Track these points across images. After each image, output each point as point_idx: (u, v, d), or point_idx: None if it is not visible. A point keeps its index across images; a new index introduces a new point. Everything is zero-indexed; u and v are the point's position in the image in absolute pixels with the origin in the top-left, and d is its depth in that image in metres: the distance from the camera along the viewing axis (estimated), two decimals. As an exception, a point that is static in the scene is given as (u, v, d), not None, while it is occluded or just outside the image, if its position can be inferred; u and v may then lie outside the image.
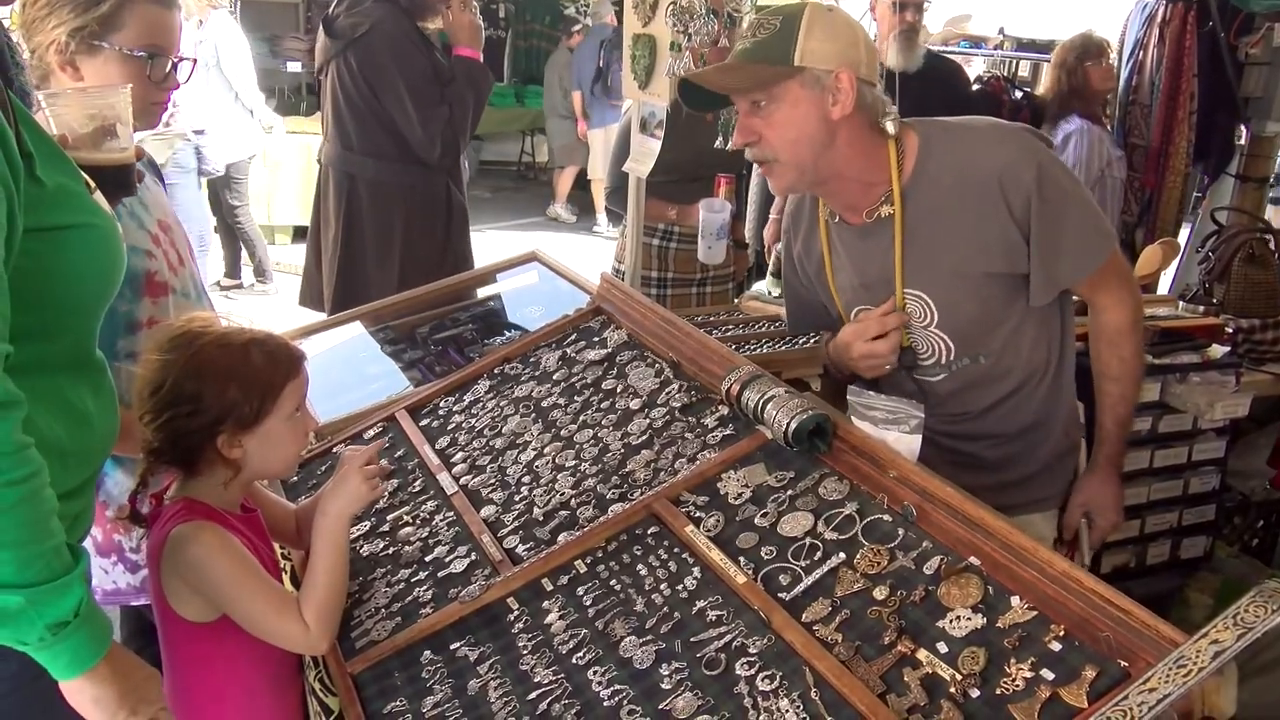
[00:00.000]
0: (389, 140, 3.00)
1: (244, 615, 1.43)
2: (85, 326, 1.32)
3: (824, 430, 1.52)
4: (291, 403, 1.49)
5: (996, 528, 1.28)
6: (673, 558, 1.47)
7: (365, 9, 2.93)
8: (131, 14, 1.71)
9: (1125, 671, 1.08)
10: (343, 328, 2.69)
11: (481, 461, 1.84)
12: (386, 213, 3.04)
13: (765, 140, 1.67)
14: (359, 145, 3.02)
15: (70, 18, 1.69)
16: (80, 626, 1.15)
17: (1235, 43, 3.97)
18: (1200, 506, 2.70)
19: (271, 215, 7.64)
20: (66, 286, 1.23)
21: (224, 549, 1.42)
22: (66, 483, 1.23)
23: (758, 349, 2.46)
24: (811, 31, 1.61)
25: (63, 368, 1.27)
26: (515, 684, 1.34)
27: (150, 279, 1.82)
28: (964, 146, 1.71)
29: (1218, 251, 3.10)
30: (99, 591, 1.92)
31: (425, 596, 1.55)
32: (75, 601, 1.14)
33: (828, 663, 1.21)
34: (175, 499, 1.48)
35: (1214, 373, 2.57)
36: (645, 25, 2.49)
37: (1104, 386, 1.86)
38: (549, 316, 2.24)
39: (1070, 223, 1.70)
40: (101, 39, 1.70)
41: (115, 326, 1.75)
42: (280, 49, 8.23)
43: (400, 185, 3.03)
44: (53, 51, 1.71)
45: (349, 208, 3.06)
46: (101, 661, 1.18)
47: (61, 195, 1.22)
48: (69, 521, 1.20)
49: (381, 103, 2.94)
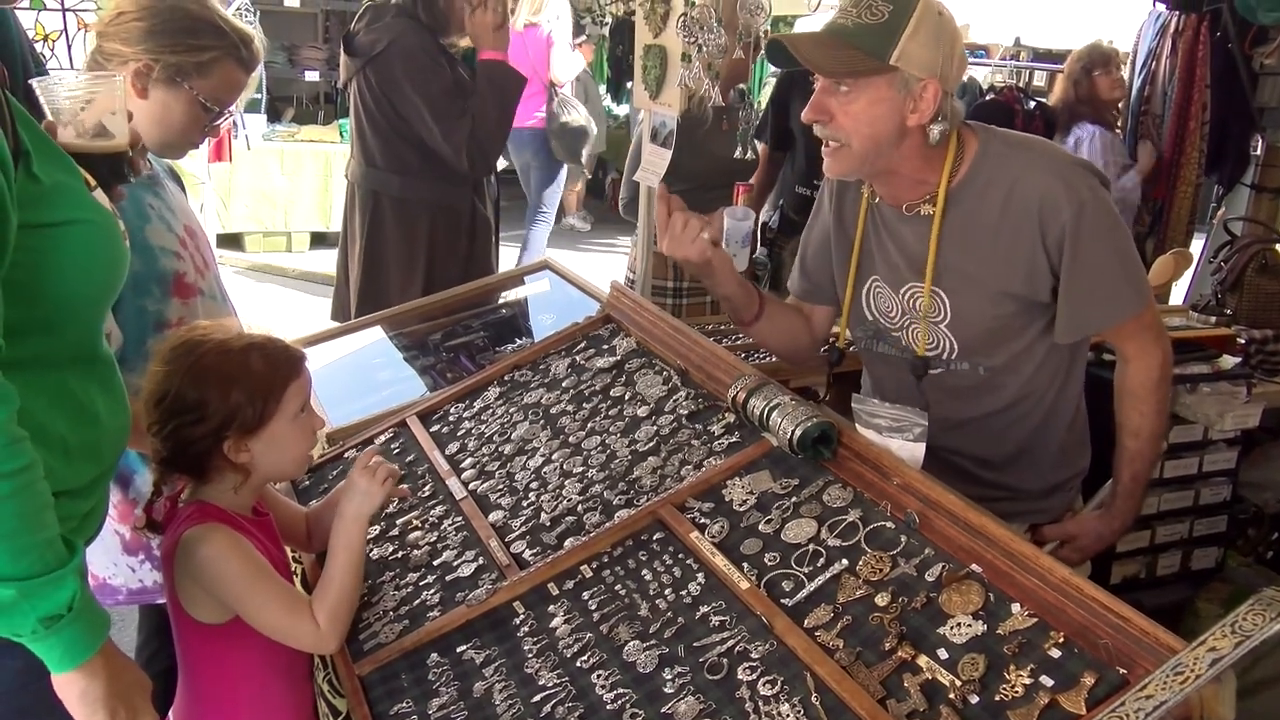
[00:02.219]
0: (412, 155, 2.98)
1: (255, 615, 1.45)
2: (90, 322, 1.33)
3: (828, 438, 1.53)
4: (295, 404, 1.50)
5: (998, 535, 1.29)
6: (677, 563, 1.48)
7: (384, 25, 2.93)
8: (220, 69, 1.84)
9: (1124, 679, 1.09)
10: (355, 335, 2.72)
11: (490, 467, 1.86)
12: (410, 228, 3.03)
13: (837, 123, 1.65)
14: (382, 161, 3.01)
15: (166, 52, 1.79)
16: (74, 620, 1.16)
17: (1250, 53, 3.96)
18: (1211, 517, 2.69)
19: (289, 222, 7.70)
20: (66, 282, 1.25)
21: (235, 550, 1.44)
22: (72, 479, 1.24)
23: (766, 357, 2.47)
24: (916, 33, 1.58)
25: (68, 363, 1.28)
26: (520, 687, 1.36)
27: (179, 280, 1.88)
28: (1017, 165, 1.68)
29: (1230, 262, 3.09)
30: (124, 590, 1.95)
31: (433, 600, 1.57)
32: (69, 595, 1.15)
33: (829, 668, 1.22)
34: (188, 503, 1.51)
35: (1225, 383, 2.56)
36: (656, 36, 2.52)
37: (1123, 440, 1.81)
38: (560, 324, 2.26)
39: (1105, 272, 1.67)
40: (186, 81, 1.81)
41: (145, 326, 1.80)
42: (299, 58, 8.30)
43: (423, 201, 3.01)
44: (130, 67, 1.78)
45: (373, 224, 3.06)
46: (95, 657, 1.19)
47: (59, 192, 1.24)
48: (77, 520, 1.21)
49: (403, 118, 2.93)
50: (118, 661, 1.24)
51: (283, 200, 7.61)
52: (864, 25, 1.59)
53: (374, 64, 2.91)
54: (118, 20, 1.80)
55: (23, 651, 1.17)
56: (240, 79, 1.89)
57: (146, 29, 1.79)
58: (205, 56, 1.82)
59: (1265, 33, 3.90)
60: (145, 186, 1.88)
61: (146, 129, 1.82)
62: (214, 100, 1.86)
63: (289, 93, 8.77)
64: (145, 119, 1.81)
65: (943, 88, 1.62)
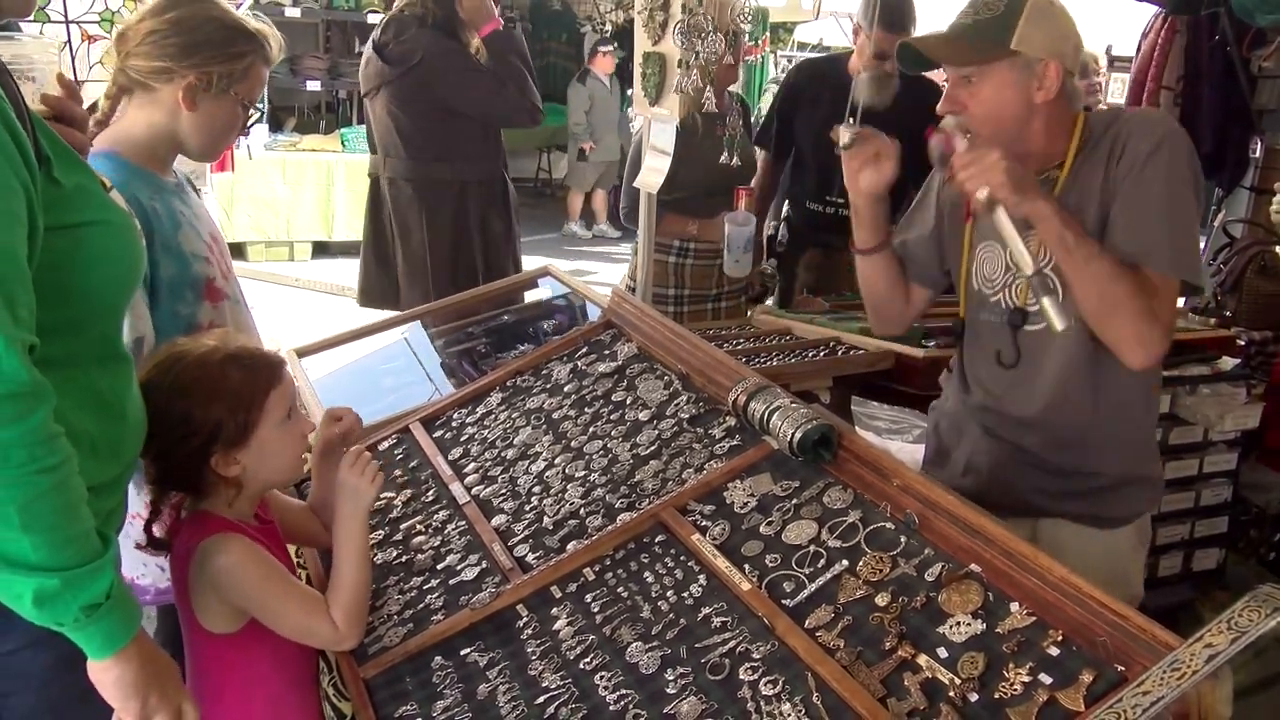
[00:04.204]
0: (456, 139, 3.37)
1: (275, 618, 1.46)
2: (111, 320, 1.37)
3: (829, 440, 1.54)
4: (279, 410, 1.50)
5: (997, 535, 1.30)
6: (679, 565, 1.49)
7: (414, 36, 3.28)
8: (254, 70, 1.90)
9: (1122, 676, 1.10)
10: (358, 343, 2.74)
11: (493, 472, 1.88)
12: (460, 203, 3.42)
13: (969, 112, 1.73)
14: (430, 152, 3.37)
15: (215, 64, 1.83)
16: (112, 609, 1.20)
17: (1248, 56, 3.97)
18: (1212, 519, 2.70)
19: (291, 232, 7.73)
20: (89, 281, 1.28)
21: (252, 557, 1.45)
22: (98, 475, 1.27)
23: (767, 362, 2.48)
24: (1031, 18, 1.67)
25: (93, 361, 1.32)
26: (523, 689, 1.37)
27: (209, 284, 1.92)
28: (1119, 121, 1.74)
29: (1229, 264, 3.10)
30: (152, 590, 1.97)
31: (437, 603, 1.58)
32: (107, 584, 1.19)
33: (830, 668, 1.23)
34: (192, 514, 1.51)
35: (1224, 384, 2.58)
36: (655, 43, 2.53)
37: None
38: (560, 330, 2.27)
39: (1150, 208, 1.65)
40: (231, 87, 1.87)
41: (179, 329, 1.83)
42: (300, 68, 8.33)
43: (465, 180, 3.42)
44: (179, 83, 1.82)
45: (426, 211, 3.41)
46: (130, 644, 1.23)
47: (79, 194, 1.27)
48: (101, 518, 1.24)
49: (452, 111, 3.30)
50: (149, 649, 1.28)
51: (284, 210, 7.63)
52: (983, 20, 1.71)
53: (415, 71, 3.27)
54: (151, 40, 1.82)
55: (52, 645, 1.21)
56: (265, 75, 1.95)
57: (188, 44, 1.82)
58: (245, 62, 1.87)
59: (1263, 35, 3.90)
60: (174, 193, 1.92)
61: (193, 138, 1.88)
62: (250, 100, 1.93)
63: (290, 102, 8.81)
64: (193, 129, 1.86)
65: (1064, 65, 1.70)
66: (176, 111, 1.84)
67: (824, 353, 2.53)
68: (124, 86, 1.87)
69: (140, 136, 1.86)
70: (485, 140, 3.41)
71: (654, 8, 2.49)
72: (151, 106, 1.85)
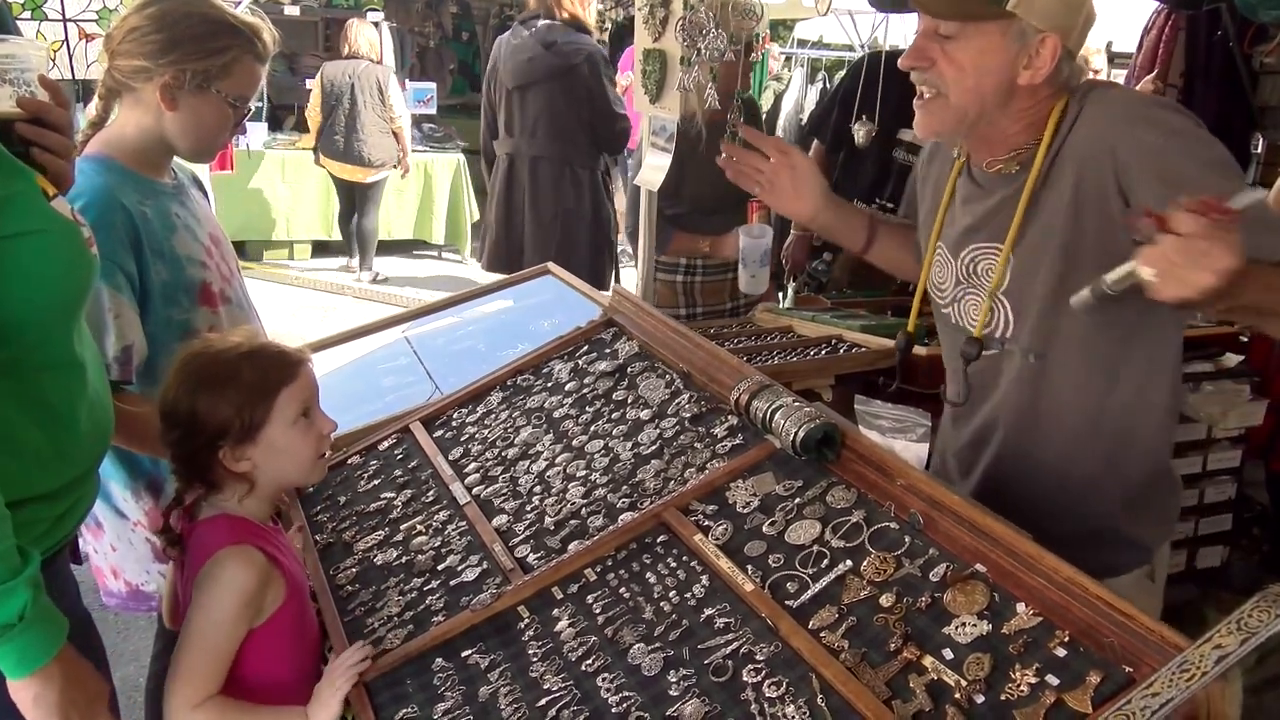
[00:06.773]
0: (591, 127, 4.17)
1: (186, 643, 1.40)
2: (61, 328, 1.35)
3: (832, 439, 1.53)
4: (292, 409, 1.49)
5: (1002, 535, 1.29)
6: (681, 566, 1.48)
7: (575, 39, 4.01)
8: (240, 66, 1.86)
9: (1130, 677, 1.09)
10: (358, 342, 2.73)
11: (494, 472, 1.86)
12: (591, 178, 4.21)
13: (938, 72, 1.49)
14: (580, 138, 4.13)
15: (190, 60, 1.80)
16: (27, 629, 1.18)
17: (1250, 52, 3.96)
18: (1216, 516, 2.70)
19: (291, 231, 7.71)
20: (27, 291, 1.27)
21: (240, 592, 1.40)
22: (46, 484, 1.27)
23: (769, 360, 2.47)
24: None
25: (39, 369, 1.30)
26: (525, 691, 1.36)
27: (205, 288, 1.90)
28: (1105, 114, 1.46)
29: (1232, 260, 3.08)
30: (156, 597, 1.96)
31: (437, 605, 1.57)
32: (20, 604, 1.17)
33: (834, 669, 1.22)
34: (212, 515, 1.49)
35: (1228, 381, 2.57)
36: (656, 40, 2.52)
37: None
38: (562, 329, 2.26)
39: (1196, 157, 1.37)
40: (212, 84, 1.82)
41: (173, 335, 1.82)
42: (299, 66, 8.32)
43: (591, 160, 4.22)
44: (156, 82, 1.79)
45: (557, 187, 4.13)
46: (50, 664, 1.21)
47: (13, 204, 1.25)
48: (49, 523, 1.23)
49: (595, 105, 4.06)
50: (76, 668, 1.25)
51: (284, 209, 7.62)
52: None
53: (582, 65, 3.99)
54: (132, 37, 1.80)
55: None
56: (259, 72, 1.91)
57: (166, 40, 1.79)
58: (227, 57, 1.83)
59: (1265, 31, 3.89)
60: (171, 196, 1.89)
61: (180, 139, 1.86)
62: (239, 98, 1.88)
63: (290, 101, 8.79)
64: (178, 129, 1.84)
65: (1063, 44, 1.45)
66: (160, 112, 1.81)
67: (826, 351, 2.52)
68: (112, 88, 1.85)
69: (131, 139, 1.84)
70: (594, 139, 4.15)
71: (654, 4, 2.48)
72: (139, 108, 1.83)
